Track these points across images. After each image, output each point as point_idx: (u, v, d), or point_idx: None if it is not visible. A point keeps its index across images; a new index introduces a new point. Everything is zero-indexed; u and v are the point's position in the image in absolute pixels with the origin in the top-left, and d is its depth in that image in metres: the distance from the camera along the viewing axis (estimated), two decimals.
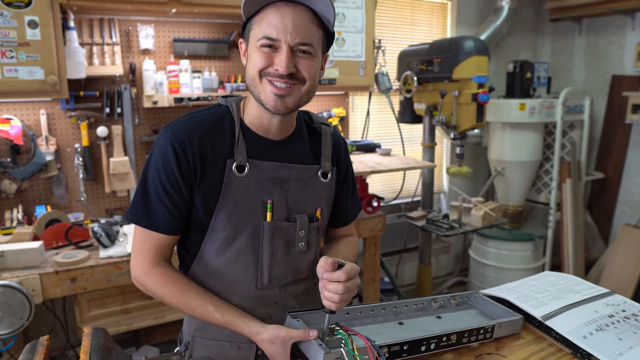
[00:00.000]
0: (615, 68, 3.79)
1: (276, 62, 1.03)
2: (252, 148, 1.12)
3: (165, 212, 1.08)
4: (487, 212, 2.89)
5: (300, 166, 1.16)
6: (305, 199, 1.17)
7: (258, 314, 1.13)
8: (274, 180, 1.13)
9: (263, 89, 1.05)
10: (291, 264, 1.17)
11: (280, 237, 1.14)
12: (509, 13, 3.65)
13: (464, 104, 2.75)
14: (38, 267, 1.98)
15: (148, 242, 1.10)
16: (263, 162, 1.12)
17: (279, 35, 1.01)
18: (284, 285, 1.18)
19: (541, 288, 1.43)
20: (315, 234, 1.20)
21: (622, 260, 3.40)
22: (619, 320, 1.24)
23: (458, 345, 1.14)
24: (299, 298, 1.22)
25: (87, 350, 0.83)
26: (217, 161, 1.09)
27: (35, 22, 2.09)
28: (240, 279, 1.13)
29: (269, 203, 1.11)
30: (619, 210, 3.86)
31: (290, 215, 1.15)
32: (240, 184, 1.09)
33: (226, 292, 1.14)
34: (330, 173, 1.22)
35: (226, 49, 2.80)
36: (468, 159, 3.90)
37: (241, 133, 1.11)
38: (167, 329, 2.72)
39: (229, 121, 1.12)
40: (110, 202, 2.67)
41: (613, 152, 3.85)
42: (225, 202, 1.09)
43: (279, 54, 1.03)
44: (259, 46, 1.03)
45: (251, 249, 1.12)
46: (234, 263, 1.12)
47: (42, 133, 2.43)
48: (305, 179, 1.17)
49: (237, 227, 1.10)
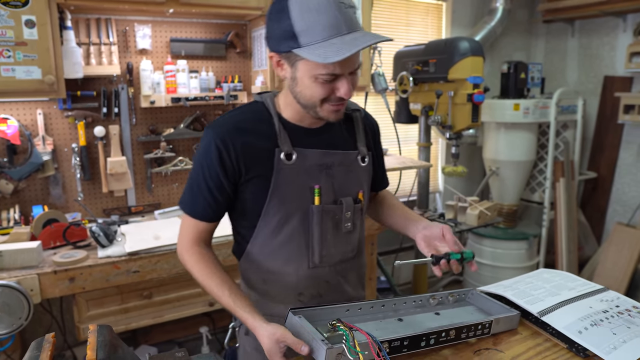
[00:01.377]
0: (608, 69, 3.83)
1: (338, 90, 1.09)
2: (295, 138, 1.20)
3: (204, 203, 1.19)
4: (482, 211, 2.92)
5: (342, 152, 1.25)
6: (348, 182, 1.26)
7: (310, 292, 1.26)
8: (319, 166, 1.22)
9: (323, 110, 1.14)
10: (340, 244, 1.27)
11: (329, 219, 1.23)
12: (503, 14, 3.69)
13: (459, 104, 2.77)
14: (36, 267, 1.98)
15: (190, 226, 1.24)
16: (308, 150, 1.20)
17: (342, 70, 1.06)
18: (334, 264, 1.28)
19: (537, 285, 1.45)
20: (360, 215, 1.30)
21: (614, 258, 3.44)
22: (612, 316, 1.26)
23: (457, 341, 1.16)
24: (347, 277, 1.32)
25: (94, 347, 0.84)
26: (263, 153, 1.17)
27: (32, 22, 2.09)
28: (293, 258, 1.23)
29: (317, 188, 1.20)
30: (612, 209, 3.91)
31: (337, 198, 1.24)
32: (290, 171, 1.18)
33: (281, 271, 1.24)
34: (367, 157, 1.31)
35: (223, 49, 2.81)
36: (463, 159, 3.93)
37: (281, 126, 1.19)
38: (166, 328, 2.72)
39: (268, 116, 1.20)
40: (107, 202, 2.68)
41: (605, 152, 3.89)
42: (276, 189, 1.18)
43: (339, 82, 1.08)
44: (320, 79, 1.07)
45: (302, 231, 1.22)
46: (287, 244, 1.22)
47: (39, 133, 2.43)
48: (347, 164, 1.26)
49: (289, 211, 1.20)
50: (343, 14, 1.01)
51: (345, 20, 1.01)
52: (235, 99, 2.74)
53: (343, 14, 1.01)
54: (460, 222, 2.96)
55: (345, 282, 1.32)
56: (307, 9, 1.00)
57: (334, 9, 1.00)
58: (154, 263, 2.14)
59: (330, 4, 1.00)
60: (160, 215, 2.63)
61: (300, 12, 1.01)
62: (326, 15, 1.00)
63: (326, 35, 1.00)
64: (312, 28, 1.00)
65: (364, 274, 1.41)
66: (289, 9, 1.02)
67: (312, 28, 1.00)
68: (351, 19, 1.03)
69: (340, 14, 1.00)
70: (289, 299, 1.27)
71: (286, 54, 1.07)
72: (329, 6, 1.00)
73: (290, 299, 1.27)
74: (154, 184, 2.78)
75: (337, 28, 1.00)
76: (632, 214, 3.68)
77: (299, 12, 1.01)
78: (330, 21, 1.00)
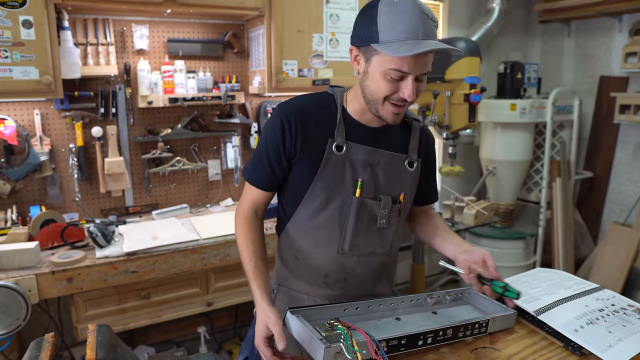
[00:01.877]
0: (603, 69, 3.85)
1: (402, 90, 1.16)
2: (351, 132, 1.29)
3: (263, 173, 1.31)
4: (479, 210, 2.93)
5: (390, 153, 1.32)
6: (391, 182, 1.33)
7: (335, 276, 1.34)
8: (365, 162, 1.29)
9: (384, 108, 1.21)
10: (372, 238, 1.34)
11: (365, 212, 1.31)
12: (500, 15, 3.70)
13: (456, 104, 2.78)
14: (34, 267, 1.98)
15: (248, 193, 1.36)
16: (358, 145, 1.29)
17: (410, 69, 1.13)
18: (363, 255, 1.35)
19: (533, 284, 1.47)
20: (397, 215, 1.36)
21: (610, 257, 3.46)
22: (608, 314, 1.27)
23: (454, 340, 1.17)
24: (374, 271, 1.39)
25: (93, 347, 0.84)
26: (319, 139, 1.27)
27: (29, 22, 2.09)
28: (325, 241, 1.32)
29: (360, 181, 1.28)
30: (608, 208, 3.93)
31: (377, 195, 1.32)
32: (338, 161, 1.27)
33: (311, 252, 1.34)
34: (416, 163, 1.37)
35: (221, 49, 2.81)
36: (460, 159, 3.94)
37: (342, 119, 1.29)
38: (163, 328, 2.72)
39: (333, 107, 1.30)
40: (105, 202, 2.67)
41: (601, 152, 3.91)
42: (323, 174, 1.27)
43: (405, 82, 1.16)
44: (388, 75, 1.15)
45: (339, 217, 1.30)
46: (323, 226, 1.31)
47: (36, 133, 2.43)
48: (394, 165, 1.33)
49: (331, 196, 1.29)
50: (424, 23, 1.11)
51: (425, 28, 1.11)
52: (232, 99, 2.74)
53: (424, 23, 1.11)
54: (457, 222, 2.97)
55: (371, 275, 1.39)
56: (393, 11, 1.11)
57: (417, 16, 1.10)
58: (152, 263, 2.14)
59: (415, 12, 1.10)
60: (158, 215, 2.64)
61: (387, 13, 1.11)
62: (409, 19, 1.10)
63: (403, 36, 1.10)
64: (393, 27, 1.10)
65: (392, 274, 1.48)
66: (379, 8, 1.12)
67: (393, 28, 1.10)
68: (430, 29, 1.12)
69: (421, 21, 1.10)
70: (316, 279, 1.35)
71: (364, 47, 1.17)
72: (413, 13, 1.10)
73: (317, 279, 1.35)
74: (152, 184, 2.78)
75: (415, 32, 1.10)
76: (628, 213, 3.69)
77: (386, 12, 1.11)
78: (411, 26, 1.10)
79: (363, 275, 1.37)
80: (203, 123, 2.80)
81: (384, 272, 1.43)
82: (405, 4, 1.11)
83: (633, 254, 3.35)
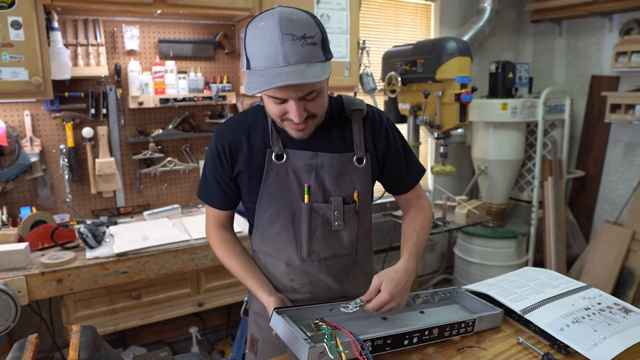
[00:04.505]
0: (595, 69, 3.87)
1: (289, 113, 1.13)
2: (286, 139, 1.27)
3: (215, 194, 1.34)
4: (470, 210, 2.94)
5: (332, 154, 1.28)
6: (340, 183, 1.30)
7: (301, 280, 1.33)
8: (308, 167, 1.27)
9: (286, 126, 1.20)
10: (330, 241, 1.32)
11: (318, 216, 1.29)
12: (491, 14, 3.71)
13: (447, 104, 2.79)
14: (23, 268, 1.97)
15: (210, 212, 1.40)
16: (297, 151, 1.27)
17: (283, 96, 1.10)
18: (324, 259, 1.33)
19: (521, 283, 1.47)
20: (353, 215, 1.33)
21: (602, 256, 3.48)
22: (594, 313, 1.28)
23: (440, 339, 1.17)
24: (338, 273, 1.37)
25: (76, 348, 0.84)
26: (258, 154, 1.27)
27: (18, 23, 2.08)
28: (284, 250, 1.32)
29: (306, 187, 1.27)
30: (599, 207, 3.95)
31: (327, 197, 1.29)
32: (280, 170, 1.26)
33: (277, 257, 1.34)
34: (365, 158, 1.31)
35: (212, 49, 2.81)
36: (452, 158, 3.96)
37: (274, 128, 1.27)
38: (154, 329, 2.72)
39: (264, 119, 1.29)
40: (96, 203, 2.67)
41: (593, 151, 3.93)
42: (267, 186, 1.27)
43: (288, 106, 1.12)
44: (271, 99, 1.13)
45: (292, 226, 1.30)
46: (279, 235, 1.31)
47: (26, 134, 2.42)
48: (339, 166, 1.29)
49: (279, 207, 1.29)
50: (286, 46, 1.02)
51: (287, 52, 1.03)
52: (223, 99, 2.74)
53: (285, 47, 1.02)
54: (449, 221, 2.98)
55: (338, 277, 1.36)
56: (255, 36, 1.06)
57: (276, 41, 1.03)
58: (143, 264, 2.14)
59: (275, 36, 1.02)
60: (149, 216, 2.63)
61: (251, 39, 1.08)
62: (268, 45, 1.04)
63: (264, 64, 1.05)
64: (255, 55, 1.07)
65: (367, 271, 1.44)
66: (246, 32, 1.10)
67: (256, 55, 1.07)
68: (296, 51, 1.03)
69: (282, 46, 1.02)
70: (283, 283, 1.35)
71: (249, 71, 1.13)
72: (273, 37, 1.03)
73: (285, 283, 1.35)
74: (143, 185, 2.78)
75: (274, 59, 1.04)
76: (619, 212, 3.71)
77: (250, 38, 1.08)
78: (270, 52, 1.04)
79: (328, 279, 1.35)
80: (194, 123, 2.79)
81: (353, 272, 1.40)
82: (267, 26, 1.04)
83: (624, 253, 3.37)
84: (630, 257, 3.38)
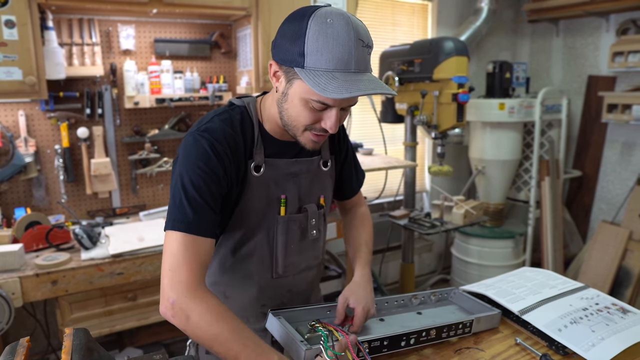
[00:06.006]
0: (592, 68, 3.88)
1: (325, 121, 1.03)
2: (269, 148, 1.16)
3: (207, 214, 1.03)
4: (468, 210, 2.93)
5: (307, 159, 1.22)
6: (312, 189, 1.24)
7: (273, 302, 1.23)
8: (287, 175, 1.18)
9: (303, 136, 1.07)
10: (305, 252, 1.26)
11: (296, 227, 1.21)
12: (489, 14, 3.71)
13: (444, 103, 2.78)
14: (18, 270, 1.96)
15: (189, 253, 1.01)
16: (278, 160, 1.17)
17: (335, 103, 1.00)
18: (299, 272, 1.27)
19: (519, 283, 1.47)
20: (322, 220, 1.28)
21: (599, 256, 3.48)
22: (592, 313, 1.28)
23: (437, 340, 1.17)
24: (312, 284, 1.33)
25: (69, 351, 0.83)
26: (238, 163, 1.11)
27: (12, 22, 2.06)
28: (256, 271, 1.20)
29: (283, 198, 1.18)
30: (596, 207, 3.95)
31: (301, 206, 1.22)
32: (258, 183, 1.14)
33: (242, 285, 1.21)
34: (329, 161, 1.28)
35: (208, 49, 2.80)
36: (449, 158, 3.95)
37: (260, 136, 1.14)
38: (151, 330, 2.70)
39: (248, 123, 1.14)
40: (91, 203, 2.65)
41: (590, 151, 3.93)
42: (244, 202, 1.13)
43: (328, 113, 1.02)
44: (310, 104, 1.01)
45: (267, 242, 1.19)
46: (249, 258, 1.19)
47: (21, 134, 2.40)
48: (313, 171, 1.24)
49: (254, 223, 1.16)
50: (358, 52, 0.95)
51: (358, 58, 0.96)
52: (220, 99, 2.72)
53: (358, 52, 0.95)
54: (446, 222, 2.97)
55: (309, 288, 1.33)
56: (324, 34, 0.94)
57: (350, 44, 0.94)
58: (138, 265, 2.13)
59: (350, 38, 0.94)
60: (145, 216, 2.61)
61: (316, 34, 0.94)
62: (341, 47, 0.94)
63: (332, 66, 0.94)
64: (321, 54, 0.94)
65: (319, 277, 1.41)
66: (308, 25, 0.95)
67: (322, 54, 0.94)
68: (364, 59, 0.97)
69: (355, 50, 0.95)
70: (251, 313, 1.23)
71: (287, 67, 1.00)
72: (347, 39, 0.94)
73: (252, 313, 1.23)
74: (139, 185, 2.76)
75: (346, 63, 0.95)
76: (616, 211, 3.72)
77: (315, 33, 0.94)
78: (342, 55, 0.94)
79: (301, 293, 1.29)
80: (191, 123, 2.78)
81: (317, 281, 1.38)
82: (339, 26, 0.94)
83: (621, 252, 3.38)
84: (627, 256, 3.38)
